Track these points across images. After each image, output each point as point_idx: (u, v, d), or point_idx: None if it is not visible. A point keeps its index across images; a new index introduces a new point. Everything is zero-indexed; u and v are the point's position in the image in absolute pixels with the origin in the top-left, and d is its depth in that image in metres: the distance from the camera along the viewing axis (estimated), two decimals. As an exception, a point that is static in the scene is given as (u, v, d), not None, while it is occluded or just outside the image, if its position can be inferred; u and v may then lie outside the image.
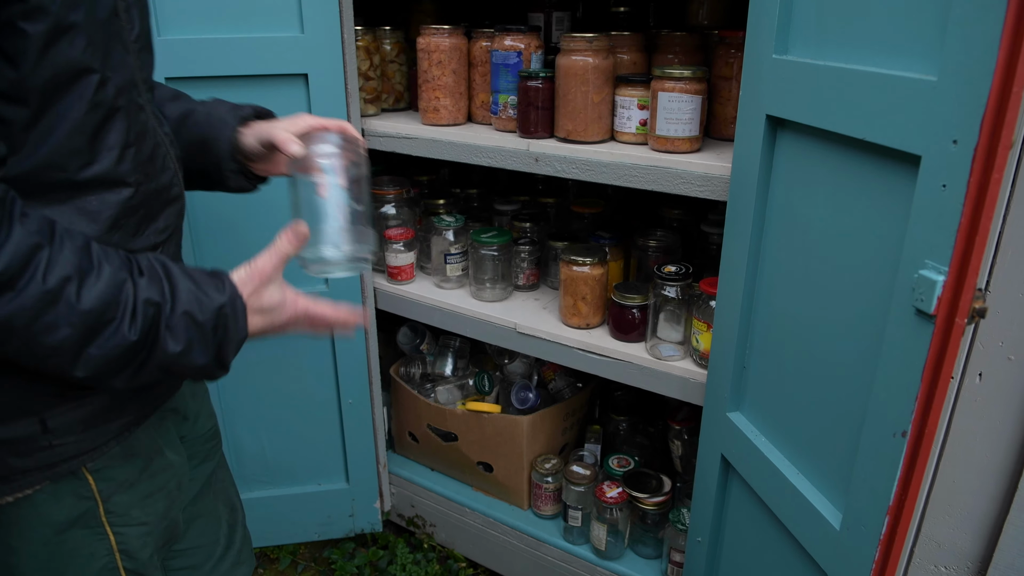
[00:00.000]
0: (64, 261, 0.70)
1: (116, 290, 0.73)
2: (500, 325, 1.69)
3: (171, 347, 0.78)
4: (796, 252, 1.11)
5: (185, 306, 0.78)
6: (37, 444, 0.82)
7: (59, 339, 0.70)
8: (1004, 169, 0.78)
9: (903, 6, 0.86)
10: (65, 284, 0.69)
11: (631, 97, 1.42)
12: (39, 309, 0.68)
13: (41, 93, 0.71)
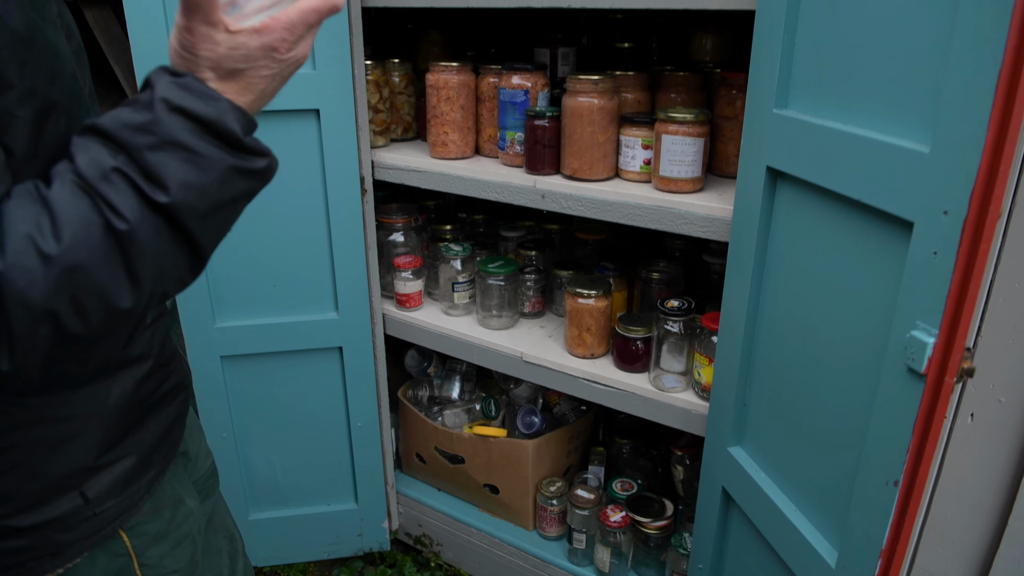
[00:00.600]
0: (27, 195, 0.62)
1: (77, 204, 0.62)
2: (507, 354, 1.73)
3: (178, 194, 0.65)
4: (795, 299, 1.15)
5: (168, 132, 0.64)
6: (81, 516, 0.84)
7: (97, 275, 0.63)
8: (992, 239, 0.82)
9: (899, 76, 0.90)
10: (30, 240, 0.60)
11: (635, 137, 1.46)
12: (52, 270, 0.61)
13: (40, 176, 0.66)
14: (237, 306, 1.77)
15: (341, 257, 1.77)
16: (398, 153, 1.78)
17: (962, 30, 0.78)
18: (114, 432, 0.86)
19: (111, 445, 0.86)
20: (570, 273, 1.77)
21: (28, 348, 0.61)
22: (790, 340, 1.18)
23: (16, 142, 0.67)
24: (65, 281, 0.61)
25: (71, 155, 0.64)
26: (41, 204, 0.61)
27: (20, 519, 0.80)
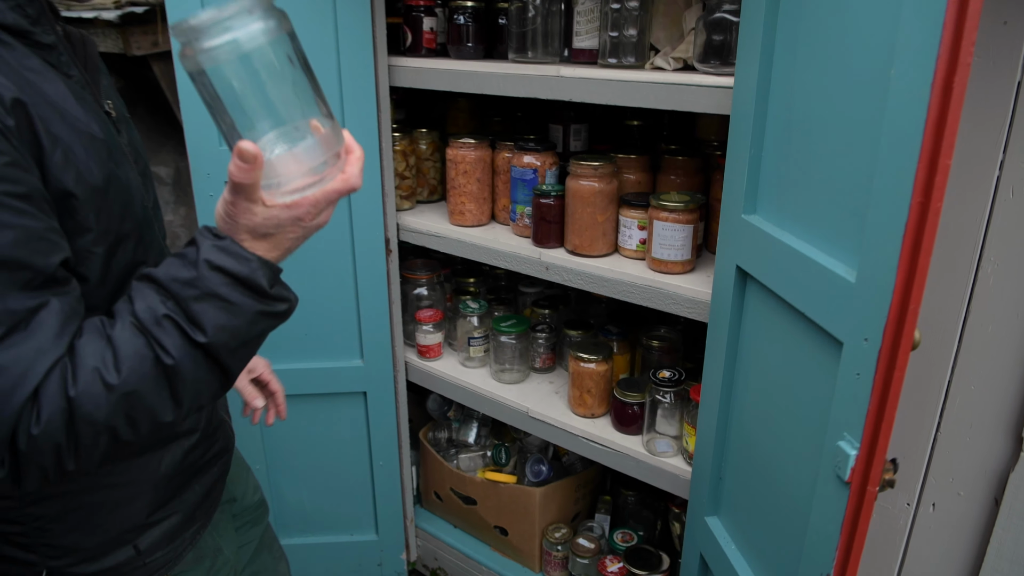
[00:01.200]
0: (117, 350, 0.77)
1: (134, 342, 0.77)
2: (515, 408, 1.84)
3: (212, 334, 0.78)
4: (759, 389, 1.24)
5: (208, 287, 0.78)
6: (133, 565, 0.99)
7: (142, 406, 0.77)
8: (905, 368, 0.90)
9: (837, 205, 0.98)
10: (96, 373, 0.75)
11: (632, 218, 1.56)
12: (117, 405, 0.76)
13: (109, 296, 0.87)
14: (271, 352, 1.92)
15: (367, 310, 1.92)
16: (421, 217, 1.92)
17: (882, 175, 0.87)
18: (164, 494, 1.02)
19: (161, 505, 1.02)
20: (579, 333, 1.88)
21: (90, 454, 0.77)
22: (755, 425, 1.26)
23: (91, 273, 0.84)
24: (123, 404, 0.76)
25: (131, 298, 0.80)
26: (106, 341, 0.77)
27: (83, 567, 0.96)
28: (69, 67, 0.88)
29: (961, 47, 0.76)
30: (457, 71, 1.66)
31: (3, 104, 0.73)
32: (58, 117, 0.80)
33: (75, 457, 0.76)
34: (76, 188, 0.80)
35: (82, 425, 0.75)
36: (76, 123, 0.82)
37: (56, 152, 0.78)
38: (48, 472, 0.75)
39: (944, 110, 0.78)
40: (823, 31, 0.99)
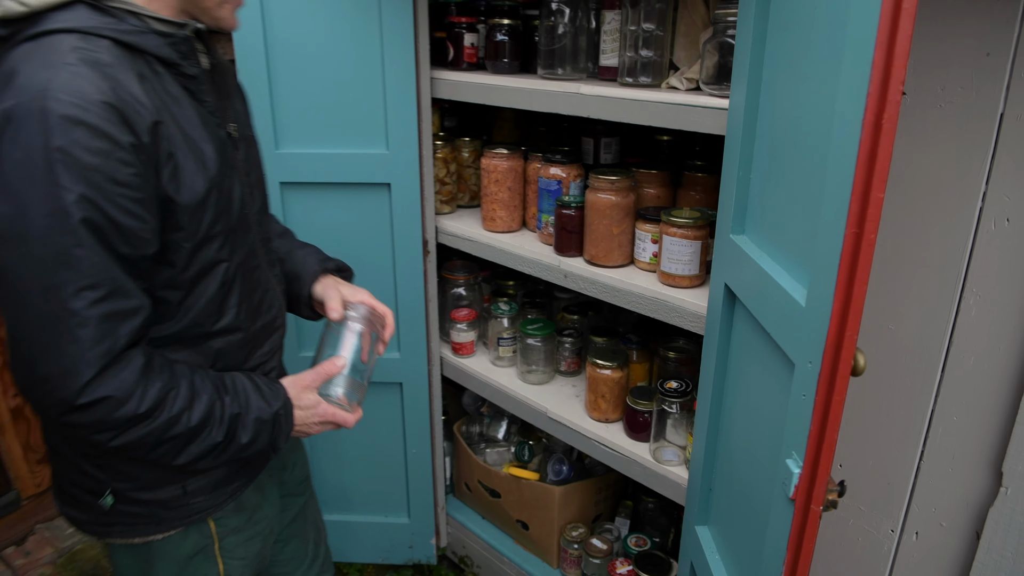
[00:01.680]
0: (181, 396, 1.04)
1: (210, 409, 1.07)
2: (535, 408, 1.92)
3: (243, 439, 1.12)
4: (741, 401, 1.27)
5: (255, 413, 1.13)
6: (180, 503, 1.18)
7: (173, 446, 1.05)
8: (844, 391, 0.92)
9: (797, 232, 1.01)
10: (181, 413, 1.04)
11: (646, 232, 1.61)
12: (164, 430, 1.03)
13: (190, 281, 1.07)
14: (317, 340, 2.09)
15: (404, 306, 2.04)
16: (458, 222, 2.03)
17: (827, 204, 0.90)
18: None
19: None
20: (603, 340, 1.93)
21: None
22: (736, 439, 1.29)
23: (178, 261, 1.04)
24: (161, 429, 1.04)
25: (225, 386, 1.11)
26: (189, 387, 1.06)
27: (139, 494, 1.15)
28: (205, 95, 1.07)
29: (890, 86, 0.78)
30: (489, 85, 1.75)
31: (144, 125, 0.93)
32: (181, 138, 1.00)
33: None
34: (177, 197, 0.99)
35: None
36: (193, 144, 1.02)
37: (168, 169, 0.97)
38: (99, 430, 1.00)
39: (875, 145, 0.81)
40: (794, 60, 1.03)
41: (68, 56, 0.90)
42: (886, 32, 0.77)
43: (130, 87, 0.93)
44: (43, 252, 0.89)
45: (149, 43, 0.98)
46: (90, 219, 0.90)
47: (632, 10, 1.50)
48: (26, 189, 0.88)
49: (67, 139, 0.87)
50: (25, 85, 0.88)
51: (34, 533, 2.51)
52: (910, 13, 0.75)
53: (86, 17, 0.94)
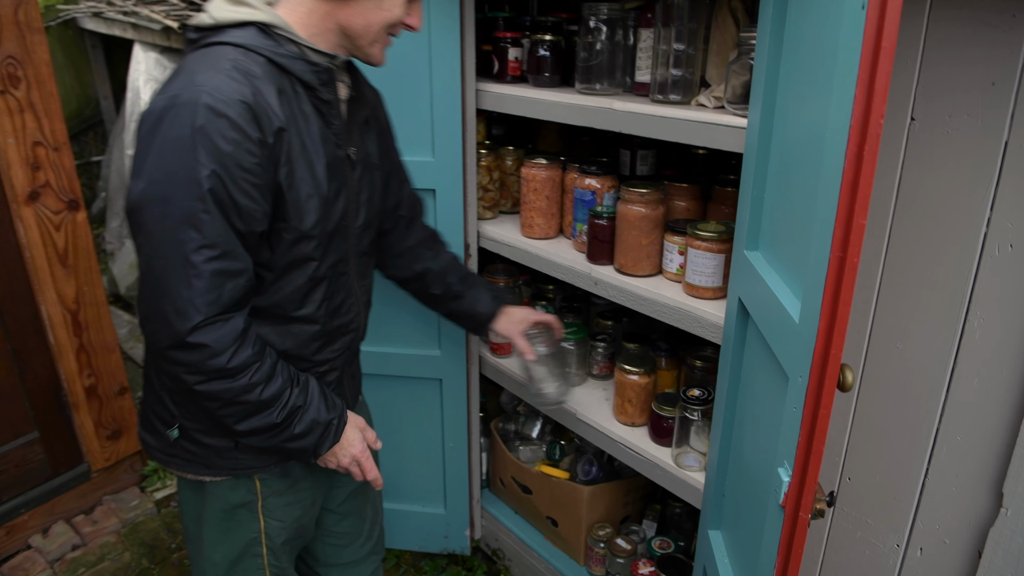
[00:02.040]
0: (263, 370, 1.21)
1: (280, 392, 1.24)
2: (565, 409, 1.99)
3: (295, 430, 1.27)
4: (749, 410, 1.32)
5: (314, 413, 1.29)
6: (229, 455, 1.35)
7: (240, 410, 1.21)
8: (830, 406, 0.97)
9: (796, 250, 1.06)
10: (257, 384, 1.20)
11: (674, 244, 1.66)
12: (239, 392, 1.19)
13: (282, 268, 1.25)
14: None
15: (445, 307, 2.14)
16: (499, 227, 2.11)
17: (818, 227, 0.95)
18: None
19: None
20: (634, 346, 1.99)
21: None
22: (744, 447, 1.34)
23: (277, 246, 1.23)
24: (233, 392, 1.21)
25: (298, 379, 1.29)
26: (271, 364, 1.24)
27: (199, 436, 1.34)
28: (334, 118, 1.27)
29: (871, 119, 0.83)
30: (530, 98, 1.83)
31: (271, 128, 1.14)
32: (299, 147, 1.20)
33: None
34: (287, 194, 1.19)
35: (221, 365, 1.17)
36: (309, 155, 1.22)
37: (284, 168, 1.18)
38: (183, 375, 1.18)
39: (856, 174, 0.86)
40: (799, 85, 1.07)
41: (226, 64, 1.12)
42: (867, 69, 0.82)
43: (268, 96, 1.14)
44: (177, 212, 1.09)
45: (295, 67, 1.19)
46: (215, 191, 1.09)
47: (664, 29, 1.56)
48: (174, 160, 1.08)
49: (210, 126, 1.07)
50: (191, 81, 1.10)
51: (101, 504, 2.72)
52: (889, 52, 0.80)
53: (252, 37, 1.16)
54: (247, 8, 1.18)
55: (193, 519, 1.46)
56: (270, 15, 1.19)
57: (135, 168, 1.12)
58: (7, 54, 2.24)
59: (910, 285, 1.25)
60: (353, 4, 1.20)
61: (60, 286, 2.48)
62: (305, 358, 1.37)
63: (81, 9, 4.94)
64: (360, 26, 1.22)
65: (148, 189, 1.10)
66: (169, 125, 1.08)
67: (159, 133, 1.09)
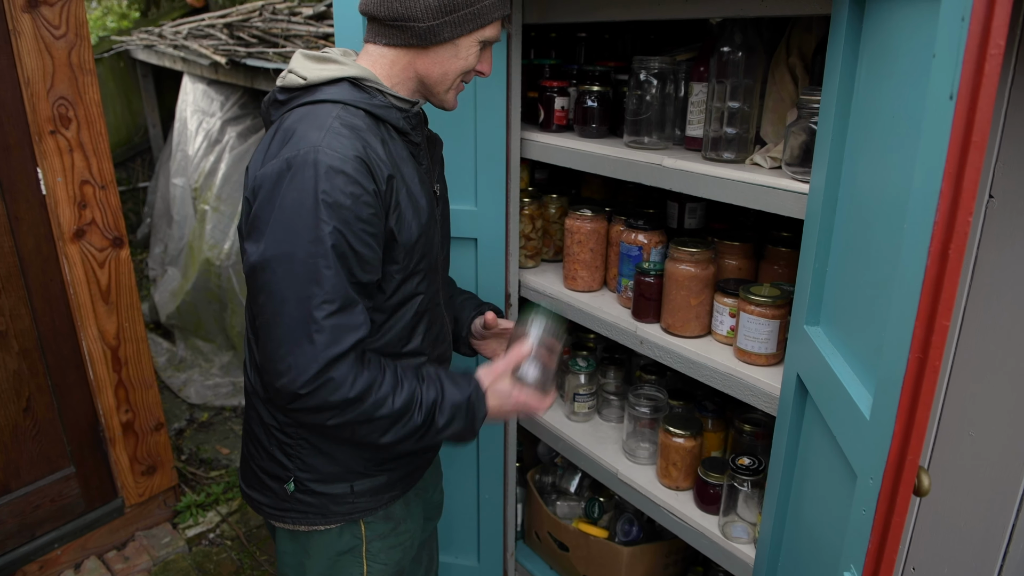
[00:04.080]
0: (386, 384, 1.22)
1: (412, 396, 1.24)
2: (606, 468, 1.93)
3: (440, 423, 1.27)
4: (808, 494, 1.24)
5: (450, 399, 1.28)
6: (346, 500, 1.37)
7: (380, 425, 1.22)
8: (905, 513, 0.89)
9: (867, 339, 0.99)
10: (386, 397, 1.21)
11: (724, 305, 1.59)
12: (371, 411, 1.20)
13: (392, 307, 1.29)
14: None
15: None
16: (541, 277, 2.07)
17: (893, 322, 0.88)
18: (381, 457, 1.38)
19: (377, 464, 1.38)
20: (679, 404, 1.92)
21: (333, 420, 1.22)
22: (800, 534, 1.26)
23: (388, 288, 1.27)
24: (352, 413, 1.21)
25: (422, 376, 1.29)
26: (396, 381, 1.24)
27: (315, 486, 1.35)
28: (422, 158, 1.34)
29: (958, 217, 0.77)
30: (576, 150, 1.79)
31: (384, 177, 1.18)
32: (405, 190, 1.24)
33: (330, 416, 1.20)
34: (399, 236, 1.23)
35: (344, 404, 1.18)
36: (413, 196, 1.26)
37: (395, 214, 1.21)
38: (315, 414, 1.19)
39: (941, 273, 0.79)
40: (871, 160, 1.01)
41: (333, 122, 1.16)
42: (954, 163, 0.75)
43: (375, 147, 1.18)
44: (302, 270, 1.12)
45: (391, 116, 1.25)
46: (338, 246, 1.13)
47: (718, 85, 1.51)
48: (296, 220, 1.11)
49: (330, 184, 1.11)
50: (303, 141, 1.14)
51: (134, 540, 2.71)
52: (980, 147, 0.73)
53: (348, 92, 1.21)
54: (336, 64, 1.24)
55: (294, 568, 1.45)
56: (359, 69, 1.24)
57: (253, 231, 1.16)
58: (59, 95, 2.27)
59: (984, 370, 1.17)
60: (432, 54, 1.24)
61: (102, 322, 2.50)
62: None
63: (134, 41, 5.07)
64: (438, 74, 1.27)
65: (271, 249, 1.13)
66: (289, 186, 1.12)
67: (279, 194, 1.12)
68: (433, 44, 1.23)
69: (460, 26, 1.22)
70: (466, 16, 1.22)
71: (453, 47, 1.25)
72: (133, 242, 5.65)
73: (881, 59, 1.00)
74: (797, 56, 1.48)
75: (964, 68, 0.73)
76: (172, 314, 4.19)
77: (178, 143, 4.68)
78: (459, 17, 1.21)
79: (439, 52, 1.25)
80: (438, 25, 1.21)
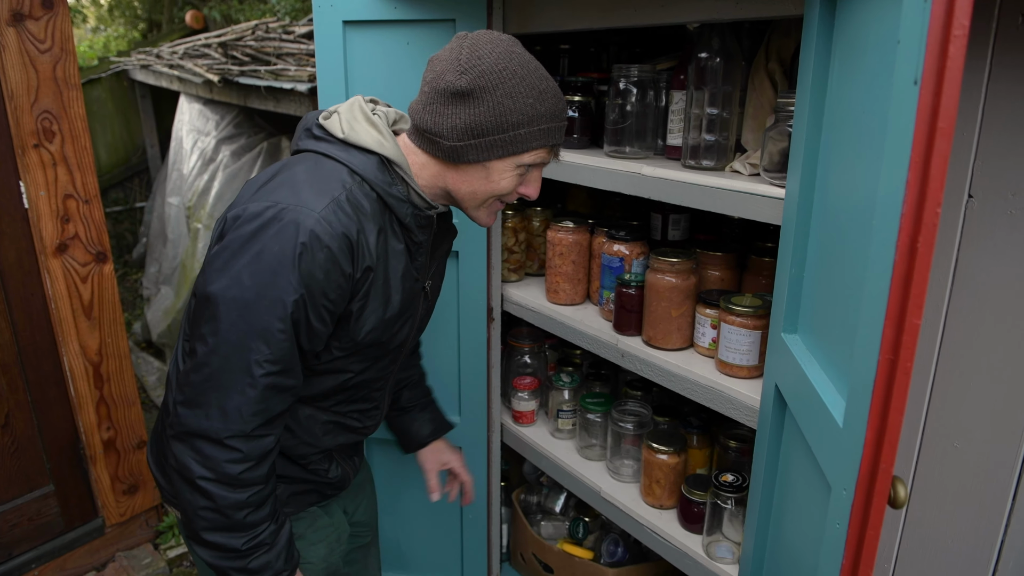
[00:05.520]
0: (261, 495, 1.18)
1: (259, 523, 1.19)
2: (588, 486, 1.87)
3: (250, 564, 1.20)
4: (788, 510, 1.19)
5: (272, 557, 1.22)
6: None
7: (218, 520, 1.15)
8: (880, 526, 0.85)
9: (840, 345, 0.95)
10: (249, 506, 1.17)
11: (706, 316, 1.55)
12: (230, 505, 1.15)
13: (317, 371, 1.27)
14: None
15: (467, 372, 2.05)
16: (523, 291, 2.03)
17: (863, 325, 0.84)
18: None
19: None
20: (664, 420, 1.87)
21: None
22: (780, 552, 1.21)
23: (322, 356, 1.23)
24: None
25: (274, 516, 1.24)
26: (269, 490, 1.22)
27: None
28: (420, 255, 1.29)
29: (926, 205, 0.73)
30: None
31: (363, 266, 1.15)
32: (381, 284, 1.21)
33: None
34: (352, 324, 1.20)
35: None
36: (388, 292, 1.23)
37: (360, 302, 1.19)
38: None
39: (910, 268, 0.75)
40: (842, 161, 0.98)
41: (342, 194, 1.13)
42: (920, 152, 0.72)
43: (368, 235, 1.16)
44: (256, 323, 1.09)
45: (400, 210, 1.21)
46: (296, 314, 1.11)
47: (697, 92, 1.48)
48: (267, 275, 1.08)
49: (312, 254, 1.08)
50: (301, 197, 1.11)
51: (114, 561, 2.66)
52: (946, 133, 0.70)
53: (373, 169, 1.18)
54: (377, 135, 1.20)
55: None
56: (395, 152, 1.20)
57: (220, 261, 1.11)
58: (44, 109, 2.26)
59: (968, 378, 1.12)
60: (461, 171, 1.20)
61: (84, 338, 2.47)
62: (308, 443, 1.36)
63: (132, 61, 5.11)
64: (466, 192, 1.22)
65: (232, 289, 1.09)
66: (272, 238, 1.08)
67: (259, 240, 1.09)
68: (460, 163, 1.19)
69: (488, 151, 1.16)
70: (496, 142, 1.15)
71: (483, 169, 1.19)
72: (129, 262, 5.64)
73: (851, 56, 0.98)
74: (776, 62, 1.45)
75: (928, 51, 0.70)
76: (163, 332, 4.16)
77: (174, 162, 4.69)
78: (487, 142, 1.15)
79: (468, 171, 1.20)
80: (464, 147, 1.16)
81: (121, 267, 5.62)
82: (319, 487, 1.45)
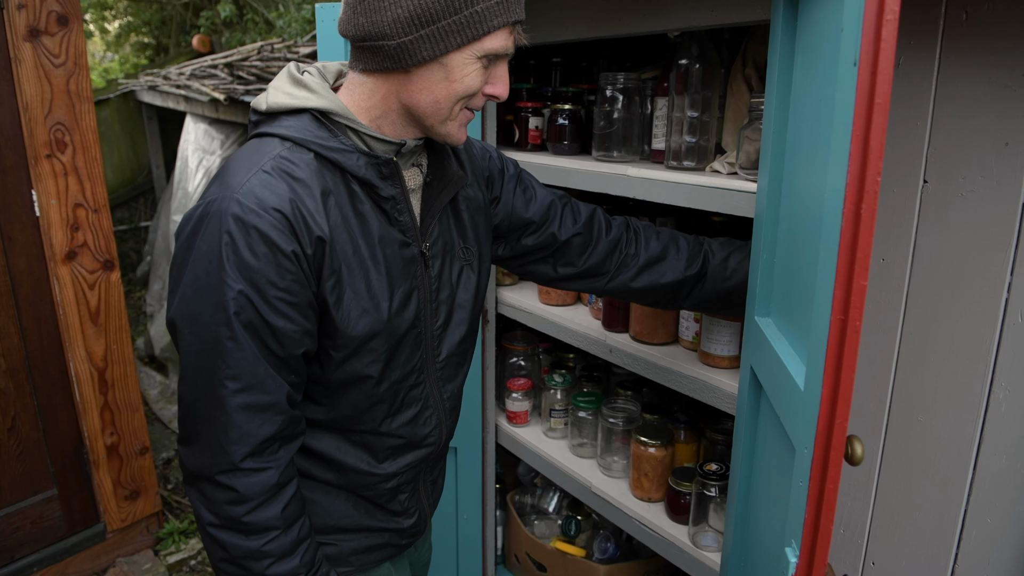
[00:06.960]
0: (281, 542, 1.04)
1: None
2: (580, 482, 1.92)
3: None
4: (764, 488, 1.24)
5: None
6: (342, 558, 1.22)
7: (236, 568, 1.04)
8: (838, 480, 0.90)
9: (801, 315, 1.01)
10: (269, 556, 1.04)
11: (689, 311, 1.62)
12: (246, 555, 1.03)
13: (336, 384, 1.10)
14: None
15: (462, 373, 2.11)
16: (518, 294, 2.10)
17: (819, 290, 0.91)
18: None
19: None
20: (654, 417, 1.92)
21: None
22: (760, 527, 1.26)
23: (326, 364, 1.08)
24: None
25: (314, 564, 1.09)
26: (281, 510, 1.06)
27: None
28: (400, 213, 1.09)
29: (867, 177, 0.80)
30: (546, 165, 1.84)
31: (311, 238, 0.98)
32: (352, 256, 1.03)
33: None
34: (334, 309, 1.03)
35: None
36: (363, 265, 1.05)
37: (330, 280, 1.02)
38: None
39: (855, 234, 0.82)
40: (803, 148, 1.05)
41: (268, 164, 0.99)
42: (861, 125, 0.79)
43: (308, 200, 0.99)
44: (205, 336, 0.97)
45: (348, 162, 1.02)
46: (242, 314, 0.96)
47: (678, 98, 1.56)
48: (204, 278, 0.96)
49: (238, 240, 0.94)
50: (226, 184, 0.98)
51: (114, 566, 2.69)
52: (882, 108, 0.77)
53: (303, 128, 1.02)
54: (305, 92, 1.04)
55: None
56: (328, 100, 1.03)
57: (172, 282, 1.01)
58: (56, 120, 2.35)
59: (930, 355, 1.18)
60: (415, 78, 1.01)
61: (90, 344, 2.53)
62: (367, 472, 1.18)
63: (139, 83, 5.24)
64: (427, 103, 1.03)
65: (181, 307, 0.99)
66: (201, 237, 0.97)
67: (193, 246, 0.98)
68: (413, 66, 0.99)
69: (443, 40, 0.97)
70: (450, 27, 0.96)
71: (441, 67, 0.99)
72: (133, 280, 5.72)
73: (809, 52, 1.05)
74: (753, 67, 1.53)
75: (864, 35, 0.77)
76: (166, 347, 4.22)
77: (179, 181, 4.79)
78: (439, 29, 0.96)
79: (423, 75, 1.00)
80: (412, 41, 0.97)
81: (125, 285, 5.71)
82: (390, 537, 1.26)
